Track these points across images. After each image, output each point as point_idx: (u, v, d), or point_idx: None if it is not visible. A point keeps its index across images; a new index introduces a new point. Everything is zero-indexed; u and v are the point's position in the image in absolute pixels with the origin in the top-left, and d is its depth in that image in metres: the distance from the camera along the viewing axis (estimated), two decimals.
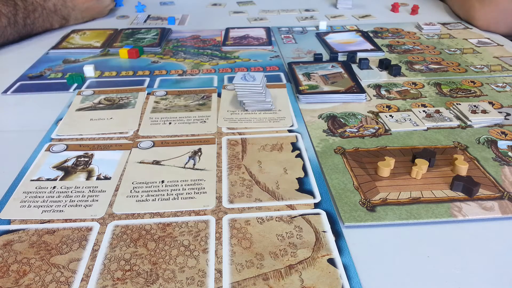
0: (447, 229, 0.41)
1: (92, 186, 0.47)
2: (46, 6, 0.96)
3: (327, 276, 0.35)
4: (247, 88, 0.60)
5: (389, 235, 0.40)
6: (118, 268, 0.37)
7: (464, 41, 0.89)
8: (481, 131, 0.56)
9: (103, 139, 0.56)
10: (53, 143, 0.55)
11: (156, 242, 0.39)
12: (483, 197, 0.44)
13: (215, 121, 0.60)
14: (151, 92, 0.68)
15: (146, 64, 0.81)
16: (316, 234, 0.40)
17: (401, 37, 0.92)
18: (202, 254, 0.38)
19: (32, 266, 0.37)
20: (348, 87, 0.67)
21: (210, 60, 0.82)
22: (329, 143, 0.54)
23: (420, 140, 0.54)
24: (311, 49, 0.87)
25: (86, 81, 0.74)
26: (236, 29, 0.99)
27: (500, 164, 0.49)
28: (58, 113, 0.63)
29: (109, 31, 0.99)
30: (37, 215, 0.43)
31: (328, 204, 0.44)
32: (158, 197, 0.45)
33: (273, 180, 0.47)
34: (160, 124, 0.59)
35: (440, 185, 0.46)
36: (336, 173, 0.48)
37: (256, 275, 0.36)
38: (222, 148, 0.53)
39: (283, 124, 0.58)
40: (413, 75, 0.73)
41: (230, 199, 0.44)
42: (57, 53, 0.87)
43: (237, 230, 0.40)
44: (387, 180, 0.47)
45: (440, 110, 0.61)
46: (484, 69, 0.75)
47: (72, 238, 0.40)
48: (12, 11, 0.87)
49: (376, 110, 0.62)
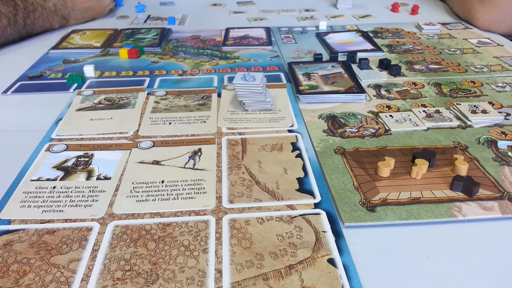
0: (447, 229, 0.41)
1: (92, 186, 0.47)
2: (46, 6, 0.96)
3: (327, 276, 0.35)
4: (247, 88, 0.60)
5: (389, 235, 0.40)
6: (118, 268, 0.37)
7: (464, 41, 0.89)
8: (481, 131, 0.56)
9: (103, 139, 0.56)
10: (53, 143, 0.55)
11: (156, 242, 0.39)
12: (483, 197, 0.44)
13: (215, 121, 0.60)
14: (151, 92, 0.68)
15: (146, 64, 0.81)
16: (316, 234, 0.40)
17: (401, 37, 0.92)
18: (202, 254, 0.38)
19: (32, 266, 0.37)
20: (348, 87, 0.67)
21: (210, 60, 0.82)
22: (329, 143, 0.54)
23: (420, 140, 0.54)
24: (311, 49, 0.87)
25: (86, 81, 0.74)
26: (236, 29, 0.99)
27: (500, 164, 0.49)
28: (58, 113, 0.63)
29: (109, 31, 0.99)
30: (37, 215, 0.43)
31: (328, 204, 0.44)
32: (158, 197, 0.45)
33: (273, 180, 0.47)
34: (160, 124, 0.59)
35: (440, 185, 0.46)
36: (336, 173, 0.48)
37: (256, 275, 0.36)
38: (222, 148, 0.53)
39: (283, 124, 0.58)
40: (413, 75, 0.73)
41: (230, 199, 0.44)
42: (57, 53, 0.87)
43: (237, 230, 0.40)
44: (387, 180, 0.47)
45: (440, 110, 0.61)
46: (484, 69, 0.75)
47: (72, 238, 0.40)
48: (12, 11, 0.87)
49: (376, 110, 0.62)
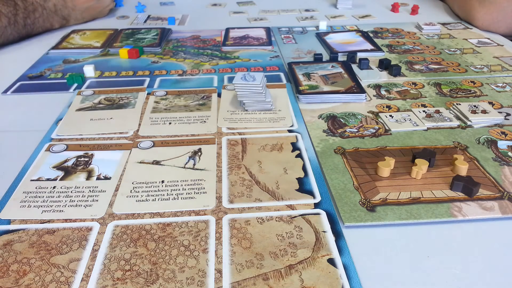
0: (447, 229, 0.41)
1: (92, 186, 0.47)
2: (46, 6, 0.96)
3: (327, 276, 0.35)
4: (247, 88, 0.60)
5: (389, 235, 0.40)
6: (118, 268, 0.37)
7: (464, 41, 0.89)
8: (481, 131, 0.56)
9: (103, 139, 0.56)
10: (53, 143, 0.55)
11: (156, 242, 0.39)
12: (483, 197, 0.44)
13: (215, 121, 0.60)
14: (151, 92, 0.68)
15: (146, 64, 0.81)
16: (316, 234, 0.40)
17: (401, 37, 0.92)
18: (202, 254, 0.38)
19: (32, 266, 0.37)
20: (348, 87, 0.67)
21: (210, 60, 0.82)
22: (329, 143, 0.54)
23: (420, 140, 0.54)
24: (311, 49, 0.87)
25: (86, 81, 0.74)
26: (236, 29, 0.99)
27: (500, 164, 0.49)
28: (58, 113, 0.63)
29: (109, 31, 0.99)
30: (37, 215, 0.43)
31: (328, 204, 0.44)
32: (158, 197, 0.45)
33: (273, 180, 0.47)
34: (160, 124, 0.59)
35: (440, 185, 0.46)
36: (336, 173, 0.48)
37: (256, 275, 0.36)
38: (222, 148, 0.53)
39: (283, 124, 0.58)
40: (413, 75, 0.73)
41: (230, 199, 0.44)
42: (57, 53, 0.87)
43: (237, 230, 0.40)
44: (387, 180, 0.47)
45: (440, 110, 0.61)
46: (484, 69, 0.75)
47: (72, 238, 0.40)
48: (12, 11, 0.87)
49: (376, 110, 0.62)
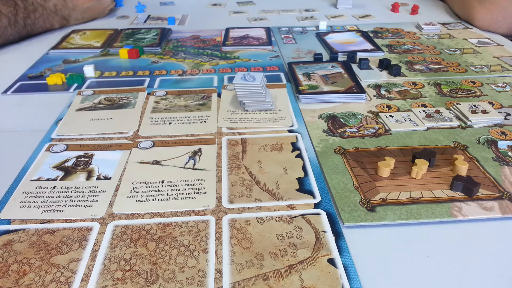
0: (447, 229, 0.41)
1: (92, 186, 0.47)
2: (46, 6, 0.96)
3: (327, 276, 0.35)
4: (247, 88, 0.60)
5: (389, 235, 0.40)
6: (118, 268, 0.37)
7: (464, 41, 0.89)
8: (481, 131, 0.56)
9: (103, 139, 0.56)
10: (53, 143, 0.55)
11: (156, 242, 0.39)
12: (483, 197, 0.44)
13: (215, 121, 0.60)
14: (151, 92, 0.68)
15: (146, 64, 0.81)
16: (316, 234, 0.40)
17: (401, 37, 0.92)
18: (202, 254, 0.38)
19: (32, 266, 0.37)
20: (348, 87, 0.67)
21: (210, 60, 0.82)
22: (329, 143, 0.54)
23: (420, 140, 0.54)
24: (311, 49, 0.87)
25: (86, 81, 0.74)
26: (236, 29, 0.99)
27: (500, 164, 0.49)
28: (58, 113, 0.63)
29: (109, 31, 0.99)
30: (37, 215, 0.43)
31: (328, 204, 0.44)
32: (158, 197, 0.45)
33: (273, 180, 0.47)
34: (160, 124, 0.59)
35: (440, 185, 0.46)
36: (336, 173, 0.48)
37: (256, 275, 0.36)
38: (222, 148, 0.53)
39: (283, 124, 0.58)
40: (413, 75, 0.73)
41: (230, 199, 0.44)
42: (57, 53, 0.87)
43: (237, 230, 0.40)
44: (387, 180, 0.47)
45: (440, 110, 0.61)
46: (484, 69, 0.75)
47: (72, 238, 0.40)
48: (12, 11, 0.87)
49: (376, 110, 0.62)
